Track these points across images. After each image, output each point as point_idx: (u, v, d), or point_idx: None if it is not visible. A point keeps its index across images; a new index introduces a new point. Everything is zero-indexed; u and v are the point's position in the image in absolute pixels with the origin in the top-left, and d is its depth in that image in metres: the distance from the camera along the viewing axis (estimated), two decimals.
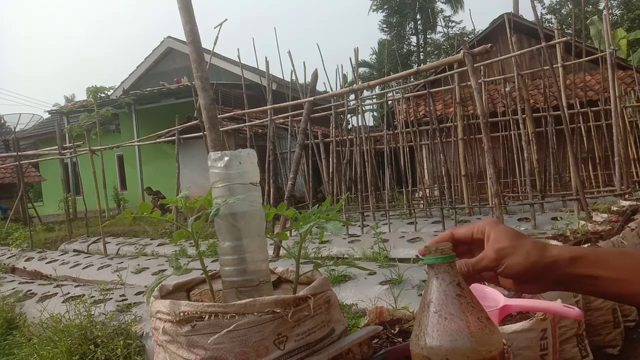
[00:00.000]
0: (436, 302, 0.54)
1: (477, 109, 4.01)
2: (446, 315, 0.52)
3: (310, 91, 5.98)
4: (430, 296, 0.55)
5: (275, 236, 1.17)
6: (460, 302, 0.53)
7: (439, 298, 0.54)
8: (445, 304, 0.53)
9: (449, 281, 0.54)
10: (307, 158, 7.93)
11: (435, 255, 0.55)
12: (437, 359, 0.51)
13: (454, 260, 0.56)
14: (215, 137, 2.11)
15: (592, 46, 12.15)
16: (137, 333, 2.54)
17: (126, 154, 15.77)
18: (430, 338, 0.52)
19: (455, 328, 0.51)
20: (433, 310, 0.53)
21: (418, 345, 0.53)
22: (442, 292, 0.54)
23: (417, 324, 0.55)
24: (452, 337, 0.51)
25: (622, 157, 5.20)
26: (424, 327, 0.53)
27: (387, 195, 6.93)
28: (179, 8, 2.14)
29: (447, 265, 0.55)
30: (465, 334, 0.51)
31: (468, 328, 0.51)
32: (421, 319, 0.54)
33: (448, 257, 0.55)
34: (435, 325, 0.52)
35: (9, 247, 8.05)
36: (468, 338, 0.51)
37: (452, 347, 0.50)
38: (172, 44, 16.66)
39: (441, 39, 30.56)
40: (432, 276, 0.56)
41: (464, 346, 0.50)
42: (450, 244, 0.57)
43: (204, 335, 0.79)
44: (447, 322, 0.52)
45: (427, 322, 0.53)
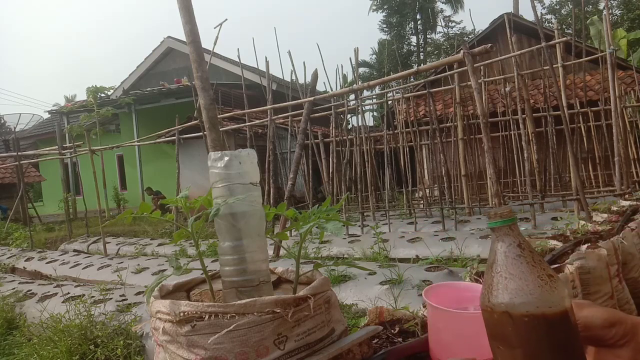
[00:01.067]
0: (497, 263, 0.58)
1: (477, 109, 4.01)
2: (506, 275, 0.57)
3: (310, 91, 5.98)
4: (493, 258, 0.59)
5: (275, 236, 1.17)
6: (520, 262, 0.57)
7: (500, 259, 0.58)
8: (505, 265, 0.58)
9: (508, 243, 0.59)
10: (307, 158, 7.93)
11: (496, 220, 0.59)
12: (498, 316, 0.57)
13: (514, 223, 0.60)
14: (215, 137, 2.11)
15: (592, 46, 12.15)
16: (137, 333, 2.54)
17: (126, 154, 15.77)
18: (493, 296, 0.57)
19: (515, 286, 0.56)
20: (496, 271, 0.58)
21: (483, 303, 0.59)
22: (503, 254, 0.58)
23: (483, 284, 0.60)
24: (511, 294, 0.56)
25: (622, 157, 5.20)
26: (488, 286, 0.58)
27: (387, 195, 6.93)
28: (179, 8, 2.14)
29: (507, 228, 0.59)
30: (524, 291, 0.55)
31: (527, 286, 0.56)
32: (486, 279, 0.59)
33: (507, 220, 0.59)
34: (497, 284, 0.57)
35: (9, 247, 8.05)
36: (527, 295, 0.55)
37: (512, 303, 0.55)
38: (172, 44, 16.66)
39: (441, 39, 30.57)
40: (494, 239, 0.60)
41: (523, 302, 0.55)
42: (510, 208, 0.61)
43: (204, 335, 0.79)
44: (507, 281, 0.57)
45: (490, 282, 0.58)
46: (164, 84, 13.83)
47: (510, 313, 0.55)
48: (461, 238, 4.43)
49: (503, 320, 0.56)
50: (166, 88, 13.39)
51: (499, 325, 0.57)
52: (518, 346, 0.55)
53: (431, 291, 0.97)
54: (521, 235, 0.60)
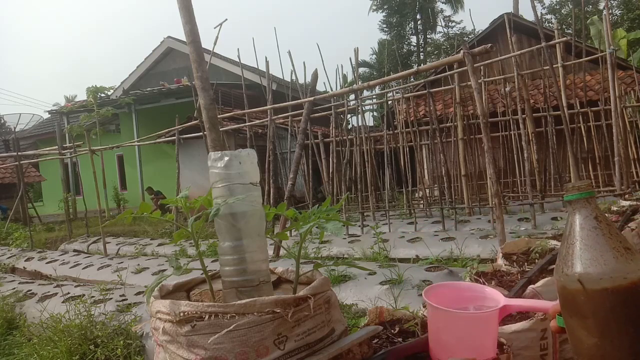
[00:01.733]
0: (573, 234, 0.59)
1: (477, 109, 4.01)
2: (581, 245, 0.57)
3: (310, 91, 5.98)
4: (569, 229, 0.59)
5: (275, 236, 1.17)
6: (596, 233, 0.57)
7: (576, 231, 0.58)
8: (581, 236, 0.58)
9: (585, 215, 0.59)
10: (307, 158, 7.92)
11: (573, 193, 0.60)
12: (572, 285, 0.56)
13: (592, 197, 0.60)
14: (215, 137, 2.11)
15: (592, 46, 12.15)
16: (137, 333, 2.54)
17: (126, 154, 15.77)
18: (567, 267, 0.57)
19: (589, 257, 0.56)
20: (570, 242, 0.58)
21: (557, 273, 0.58)
22: (579, 226, 0.59)
23: (559, 255, 0.60)
24: (585, 264, 0.56)
25: (622, 157, 5.20)
26: (563, 257, 0.58)
27: (387, 195, 6.93)
28: (179, 8, 2.14)
29: (584, 201, 0.59)
30: (598, 262, 0.55)
31: (602, 256, 0.56)
32: (561, 250, 0.59)
33: (585, 193, 0.59)
34: (571, 255, 0.57)
35: (9, 247, 8.05)
36: (601, 266, 0.55)
37: (586, 273, 0.55)
38: (172, 44, 16.66)
39: (441, 39, 30.55)
40: (571, 212, 0.61)
41: (596, 272, 0.55)
42: (590, 181, 0.61)
43: (204, 335, 0.79)
44: (582, 251, 0.57)
45: (564, 253, 0.58)
46: (164, 84, 13.83)
47: (583, 282, 0.55)
48: (461, 238, 4.43)
49: (576, 290, 0.56)
50: (166, 88, 13.39)
51: (572, 295, 0.57)
52: (590, 316, 0.55)
53: (431, 291, 0.97)
54: (598, 208, 0.60)
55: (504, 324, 1.20)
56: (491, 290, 1.08)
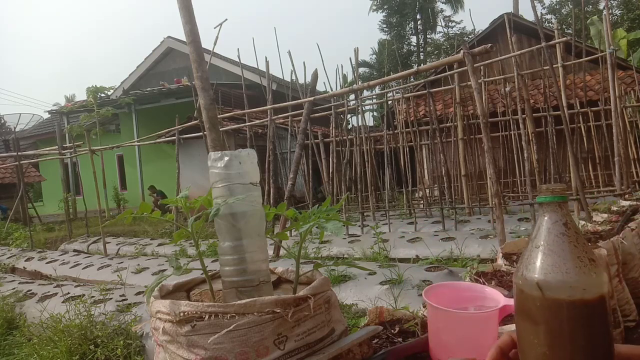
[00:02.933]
0: (539, 237, 0.57)
1: (477, 109, 4.01)
2: (545, 250, 0.55)
3: (310, 91, 5.98)
4: (536, 232, 0.58)
5: (275, 236, 1.17)
6: (562, 240, 0.56)
7: (542, 234, 0.57)
8: (547, 240, 0.56)
9: (554, 220, 0.57)
10: (307, 158, 7.92)
11: (545, 195, 0.58)
12: (529, 290, 0.54)
13: (564, 202, 0.58)
14: (215, 137, 2.11)
15: (592, 46, 12.15)
16: (137, 333, 2.54)
17: (126, 154, 15.77)
18: (527, 270, 0.55)
19: (551, 262, 0.54)
20: (534, 245, 0.57)
21: (517, 276, 0.57)
22: (546, 229, 0.57)
23: (520, 258, 0.58)
24: (546, 270, 0.54)
25: (622, 157, 5.20)
26: (525, 259, 0.57)
27: (387, 195, 6.93)
28: (179, 8, 2.14)
29: (555, 205, 0.58)
30: (561, 269, 0.53)
31: (564, 264, 0.53)
32: (524, 253, 0.58)
33: (557, 197, 0.58)
34: (534, 259, 0.55)
35: (9, 247, 8.05)
36: (562, 274, 0.53)
37: (545, 280, 0.53)
38: (172, 44, 16.66)
39: (441, 39, 30.55)
40: (541, 214, 0.59)
41: (556, 280, 0.53)
42: (564, 186, 0.59)
43: (204, 335, 0.79)
44: (545, 256, 0.55)
45: (527, 255, 0.57)
46: (164, 84, 13.83)
47: (541, 288, 0.53)
48: (461, 238, 4.43)
49: (533, 295, 0.54)
50: (166, 88, 13.39)
51: (528, 300, 0.55)
52: (543, 324, 0.54)
53: (431, 291, 0.97)
54: (569, 215, 0.58)
55: (504, 324, 1.20)
56: (491, 290, 1.08)
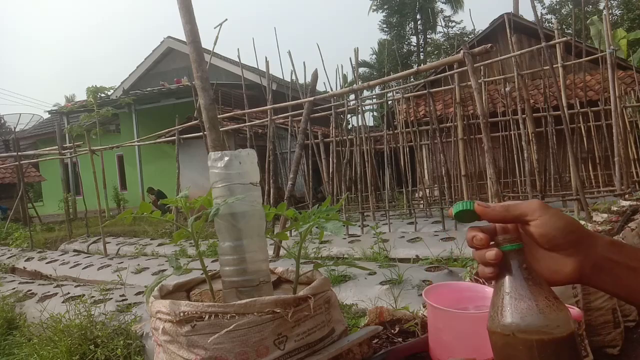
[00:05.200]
0: (507, 284, 0.59)
1: (477, 109, 4.01)
2: (516, 295, 0.58)
3: (310, 91, 5.98)
4: (502, 280, 0.60)
5: (275, 236, 1.17)
6: (528, 284, 0.58)
7: (509, 280, 0.59)
8: (515, 286, 0.58)
9: (517, 265, 0.60)
10: (307, 158, 7.92)
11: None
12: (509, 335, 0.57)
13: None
14: (215, 137, 2.11)
15: (592, 46, 12.14)
16: (137, 333, 2.54)
17: (126, 154, 15.77)
18: (503, 317, 0.57)
19: (525, 307, 0.57)
20: (504, 292, 0.59)
21: (493, 324, 0.59)
22: (512, 275, 0.59)
23: (492, 306, 0.60)
24: (522, 314, 0.56)
25: (622, 157, 5.20)
26: (497, 307, 0.59)
27: (387, 195, 6.93)
28: (179, 8, 2.14)
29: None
30: (534, 311, 0.56)
31: (537, 306, 0.56)
32: (495, 300, 0.60)
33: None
34: (507, 305, 0.58)
35: (9, 247, 8.05)
36: (537, 315, 0.56)
37: (524, 324, 0.56)
38: (172, 44, 16.66)
39: (441, 39, 30.55)
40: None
41: (534, 323, 0.56)
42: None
43: (204, 335, 0.79)
44: (517, 301, 0.57)
45: (499, 303, 0.59)
46: (164, 84, 13.83)
47: (521, 333, 0.55)
48: (461, 238, 4.43)
49: (514, 342, 0.56)
50: (166, 88, 13.39)
51: (510, 347, 0.57)
52: None
53: (431, 291, 0.97)
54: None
55: None
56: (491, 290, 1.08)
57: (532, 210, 0.59)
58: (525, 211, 0.60)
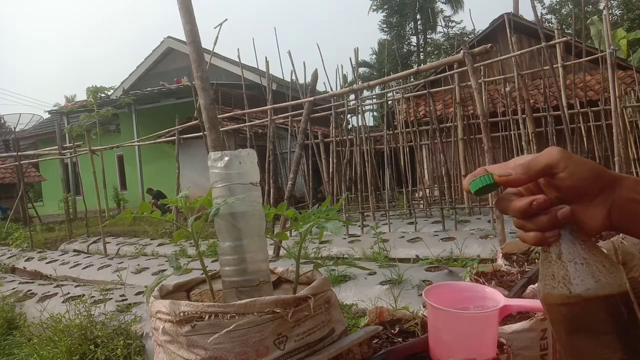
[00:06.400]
0: (566, 252, 0.57)
1: (477, 109, 4.01)
2: (581, 260, 0.56)
3: (310, 91, 5.98)
4: (557, 248, 0.57)
5: (275, 236, 1.17)
6: (588, 245, 0.57)
7: (568, 247, 0.57)
8: (576, 251, 0.56)
9: (569, 230, 0.58)
10: (307, 158, 7.92)
11: None
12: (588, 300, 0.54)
13: None
14: (215, 137, 2.11)
15: (592, 46, 12.14)
16: (137, 333, 2.54)
17: (126, 154, 15.77)
18: (575, 285, 0.55)
19: (595, 269, 0.55)
20: (567, 260, 0.56)
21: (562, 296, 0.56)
22: (569, 241, 0.57)
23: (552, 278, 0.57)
24: (595, 277, 0.54)
25: (622, 157, 5.19)
26: (562, 277, 0.56)
27: (387, 195, 6.93)
28: (179, 8, 2.14)
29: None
30: (606, 271, 0.55)
31: (604, 267, 0.55)
32: (555, 271, 0.57)
33: None
34: (576, 272, 0.56)
35: (9, 247, 8.05)
36: (609, 275, 0.55)
37: (600, 286, 0.54)
38: (172, 44, 16.66)
39: (441, 39, 30.55)
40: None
41: (608, 282, 0.54)
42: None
43: (204, 335, 0.79)
44: (584, 266, 0.55)
45: (563, 273, 0.56)
46: (164, 84, 13.83)
47: (600, 296, 0.54)
48: (461, 238, 4.43)
49: (593, 307, 0.54)
50: (166, 88, 13.39)
51: (588, 315, 0.55)
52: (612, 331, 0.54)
53: (431, 291, 0.97)
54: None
55: (504, 324, 1.20)
56: (491, 290, 1.08)
57: (555, 162, 0.54)
58: (550, 163, 0.55)
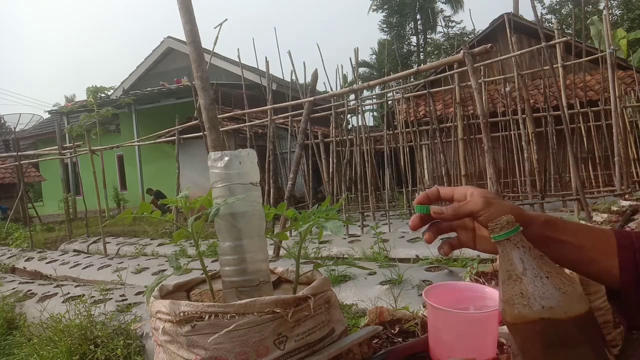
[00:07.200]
0: (531, 267, 0.56)
1: (477, 109, 4.01)
2: (547, 274, 0.55)
3: (310, 91, 5.98)
4: (520, 265, 0.57)
5: (275, 236, 1.17)
6: (546, 260, 0.57)
7: (532, 263, 0.57)
8: (540, 265, 0.56)
9: (528, 246, 0.58)
10: (307, 158, 7.93)
11: (509, 229, 0.59)
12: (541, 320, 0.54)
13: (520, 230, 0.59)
14: (215, 137, 2.11)
15: (592, 46, 12.14)
16: (137, 333, 2.54)
17: (126, 154, 15.77)
18: (544, 300, 0.54)
19: (558, 283, 0.55)
20: (532, 276, 0.56)
21: (531, 312, 0.54)
22: (531, 257, 0.57)
23: (519, 295, 0.56)
24: (559, 291, 0.54)
25: (622, 157, 5.20)
26: (530, 294, 0.55)
27: (387, 195, 6.93)
28: (179, 8, 2.14)
29: (520, 234, 0.59)
30: (568, 284, 0.54)
31: (563, 282, 0.55)
32: (522, 288, 0.56)
33: (518, 227, 0.59)
34: (544, 287, 0.55)
35: (9, 247, 8.05)
36: (572, 286, 0.54)
37: (566, 298, 0.54)
38: (172, 44, 16.66)
39: (441, 39, 30.56)
40: (511, 248, 0.59)
41: (572, 292, 0.54)
42: (512, 216, 0.60)
43: (204, 335, 0.79)
44: (550, 280, 0.55)
45: (531, 288, 0.55)
46: (164, 84, 13.83)
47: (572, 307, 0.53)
48: None
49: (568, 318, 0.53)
50: (166, 88, 13.39)
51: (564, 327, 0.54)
52: (585, 341, 0.53)
53: (431, 291, 0.97)
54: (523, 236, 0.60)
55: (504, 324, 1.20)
56: (491, 290, 1.08)
57: (478, 207, 0.66)
58: (473, 209, 0.67)
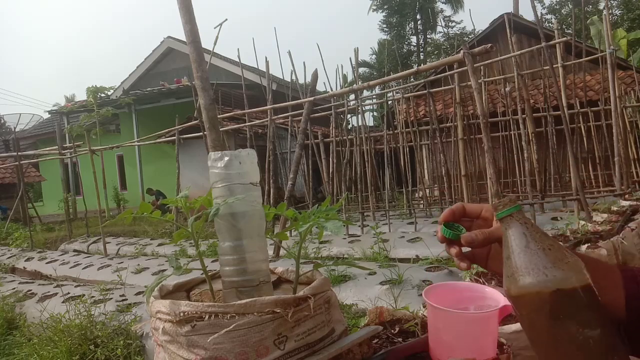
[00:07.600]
0: (534, 240, 0.57)
1: (477, 109, 4.01)
2: (549, 246, 0.56)
3: (310, 91, 5.98)
4: (524, 240, 0.58)
5: (275, 236, 1.17)
6: (547, 235, 0.58)
7: (535, 236, 0.57)
8: (542, 239, 0.57)
9: (530, 222, 0.59)
10: (307, 158, 7.92)
11: (511, 206, 0.60)
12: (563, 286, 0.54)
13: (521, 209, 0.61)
14: (215, 137, 2.11)
15: (592, 46, 12.13)
16: (137, 333, 2.54)
17: (126, 154, 15.77)
18: (549, 269, 0.54)
19: (561, 254, 0.55)
20: (536, 248, 0.56)
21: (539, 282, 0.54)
22: (534, 231, 0.58)
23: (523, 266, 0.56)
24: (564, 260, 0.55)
25: (622, 157, 5.20)
26: (534, 264, 0.55)
27: (387, 195, 6.93)
28: (179, 8, 2.14)
29: (522, 212, 0.60)
30: (570, 256, 0.55)
31: (568, 252, 0.56)
32: (526, 259, 0.56)
33: (519, 205, 0.60)
34: (547, 257, 0.55)
35: (9, 247, 8.05)
36: (574, 258, 0.55)
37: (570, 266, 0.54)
38: (172, 44, 16.66)
39: (441, 39, 30.55)
40: (514, 224, 0.60)
41: (578, 264, 0.54)
42: (514, 196, 0.62)
43: (204, 335, 0.79)
44: (552, 252, 0.55)
45: (535, 259, 0.55)
46: (164, 84, 13.83)
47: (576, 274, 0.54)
48: None
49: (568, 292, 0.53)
50: (166, 88, 13.39)
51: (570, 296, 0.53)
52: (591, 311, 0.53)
53: (431, 291, 0.97)
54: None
55: (504, 324, 1.20)
56: (491, 290, 1.08)
57: None
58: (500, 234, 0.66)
